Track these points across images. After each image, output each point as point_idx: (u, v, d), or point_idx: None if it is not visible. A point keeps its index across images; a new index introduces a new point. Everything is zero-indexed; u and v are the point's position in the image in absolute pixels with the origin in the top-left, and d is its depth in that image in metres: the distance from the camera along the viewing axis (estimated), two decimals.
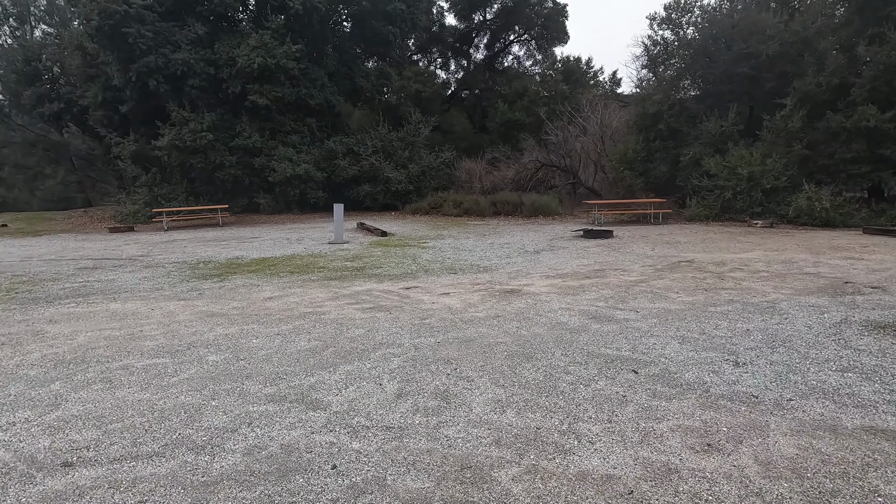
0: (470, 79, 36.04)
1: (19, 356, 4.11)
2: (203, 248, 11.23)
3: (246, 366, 3.74)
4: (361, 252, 10.13)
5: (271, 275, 7.79)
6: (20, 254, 11.09)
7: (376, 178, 19.66)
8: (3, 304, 6.06)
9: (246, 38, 16.83)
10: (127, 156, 17.95)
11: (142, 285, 7.14)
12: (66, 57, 19.11)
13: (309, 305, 5.70)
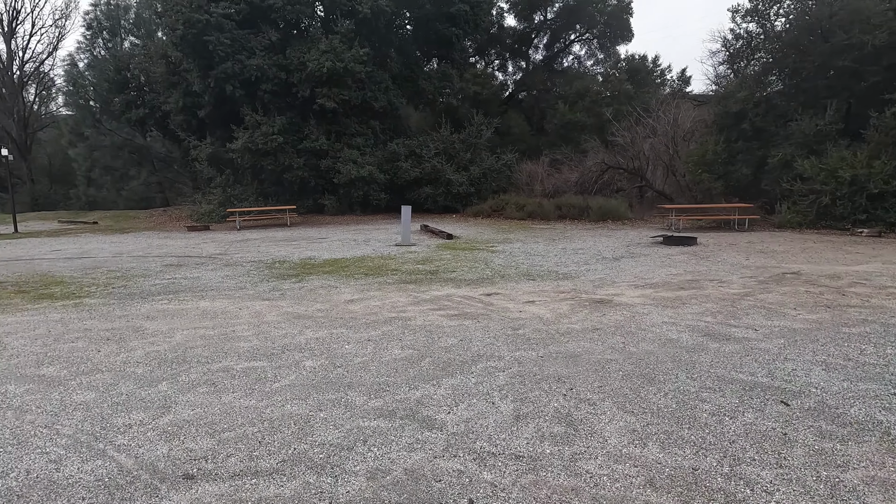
0: (528, 80, 35.46)
1: (124, 353, 4.18)
2: (275, 248, 11.49)
3: (345, 374, 3.59)
4: (430, 255, 9.97)
5: (346, 276, 7.76)
6: (112, 250, 11.79)
7: (437, 181, 19.58)
8: (103, 299, 6.33)
9: (316, 44, 17.23)
10: (203, 158, 18.87)
11: (225, 284, 7.30)
12: (152, 66, 20.38)
13: (392, 310, 5.55)
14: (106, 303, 6.14)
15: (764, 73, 16.15)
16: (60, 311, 5.71)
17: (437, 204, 19.79)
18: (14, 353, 4.24)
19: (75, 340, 4.57)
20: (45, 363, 3.96)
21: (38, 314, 5.60)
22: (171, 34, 16.59)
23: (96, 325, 5.10)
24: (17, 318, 5.46)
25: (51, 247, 12.62)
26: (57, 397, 3.26)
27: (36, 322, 5.25)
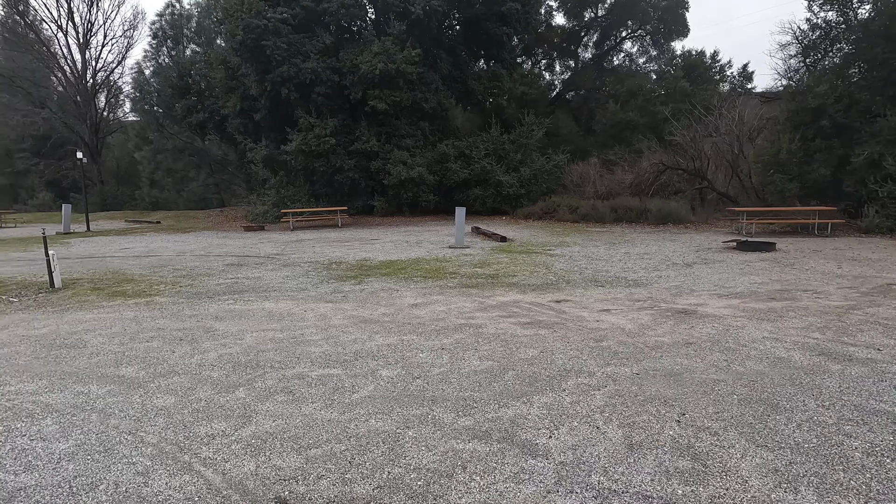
0: (576, 79, 34.59)
1: (198, 354, 4.13)
2: (330, 249, 11.52)
3: (425, 386, 3.36)
4: (487, 258, 9.69)
5: (405, 279, 7.60)
6: (175, 248, 12.19)
7: (487, 182, 19.27)
8: (173, 298, 6.42)
9: (368, 46, 17.32)
10: (259, 160, 19.36)
11: (286, 284, 7.28)
12: (212, 72, 21.15)
13: (459, 316, 5.31)
14: (175, 301, 6.22)
15: (846, 66, 14.88)
16: (134, 310, 5.80)
17: (486, 206, 19.47)
18: (94, 351, 4.27)
19: (150, 340, 4.58)
20: (124, 363, 3.95)
21: (114, 311, 5.72)
22: (230, 40, 17.11)
23: (168, 324, 5.12)
24: (95, 315, 5.59)
25: (120, 245, 13.20)
26: (138, 401, 3.20)
27: (112, 320, 5.34)
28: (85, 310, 5.85)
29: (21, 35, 29.68)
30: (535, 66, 35.15)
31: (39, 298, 6.51)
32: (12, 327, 5.11)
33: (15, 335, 4.81)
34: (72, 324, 5.20)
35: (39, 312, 5.76)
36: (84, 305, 6.06)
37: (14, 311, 5.88)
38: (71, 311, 5.77)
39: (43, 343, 4.54)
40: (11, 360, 4.09)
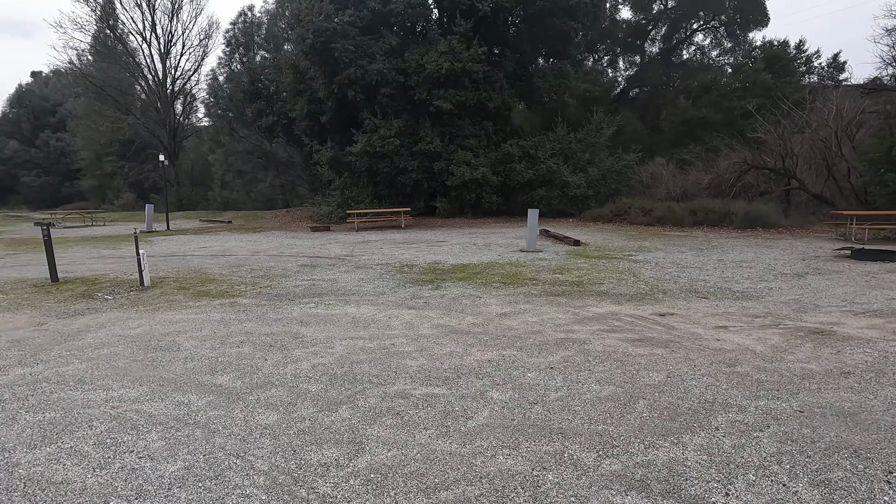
0: (642, 75, 33.04)
1: (291, 364, 3.94)
2: (398, 251, 11.36)
3: (547, 415, 2.96)
4: (564, 263, 9.14)
5: (483, 284, 7.22)
6: (249, 248, 12.47)
7: (552, 183, 18.59)
8: (255, 299, 6.39)
9: (434, 45, 17.14)
10: (325, 161, 19.68)
11: (363, 288, 7.10)
12: (281, 76, 21.77)
13: (555, 328, 4.86)
14: (258, 303, 6.17)
15: None
16: (219, 311, 5.78)
17: (551, 207, 18.78)
18: (188, 355, 4.19)
19: (240, 345, 4.46)
20: (219, 370, 3.82)
21: (201, 313, 5.72)
22: (301, 44, 17.47)
23: (255, 328, 5.02)
24: (184, 315, 5.60)
25: (198, 244, 13.71)
26: (240, 416, 3.00)
27: (200, 322, 5.31)
28: (174, 310, 5.90)
29: (110, 47, 32.06)
30: (596, 63, 33.92)
31: (131, 297, 6.68)
32: (109, 326, 5.19)
33: (113, 335, 4.86)
34: (164, 324, 5.22)
35: (133, 311, 5.86)
36: (173, 305, 6.13)
37: (109, 308, 6.03)
38: (161, 311, 5.83)
39: (139, 344, 4.53)
40: (112, 361, 4.07)
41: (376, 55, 17.58)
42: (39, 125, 47.21)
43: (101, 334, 4.90)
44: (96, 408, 3.17)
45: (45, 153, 46.26)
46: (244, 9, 29.12)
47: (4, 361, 4.12)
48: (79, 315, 5.70)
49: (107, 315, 5.69)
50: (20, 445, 2.69)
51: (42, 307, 6.12)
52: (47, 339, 4.74)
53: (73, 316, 5.67)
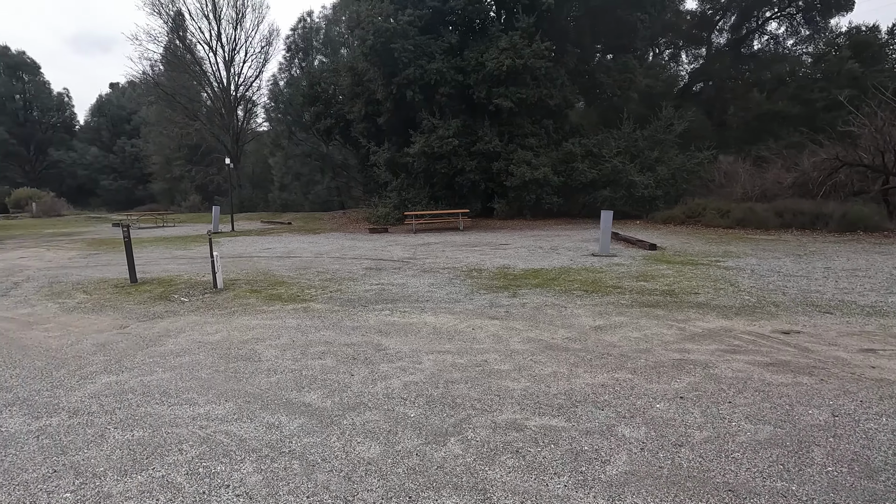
0: (708, 68, 31.14)
1: (381, 381, 3.60)
2: (461, 254, 10.97)
3: (701, 462, 2.43)
4: (645, 269, 8.43)
5: (563, 292, 6.69)
6: (311, 250, 12.48)
7: (617, 182, 17.67)
8: (327, 304, 6.16)
9: (495, 42, 16.69)
10: (382, 163, 19.67)
11: (435, 294, 6.74)
12: (339, 79, 22.01)
13: (664, 346, 4.28)
14: (331, 309, 5.93)
15: None
16: (294, 317, 5.58)
17: (615, 208, 17.75)
18: (270, 367, 3.95)
19: (322, 356, 4.19)
20: (305, 386, 3.53)
21: (276, 318, 5.54)
22: (361, 45, 17.51)
23: (334, 337, 4.75)
24: (259, 321, 5.44)
25: (262, 245, 13.91)
26: (338, 445, 2.67)
27: (277, 328, 5.11)
28: (249, 314, 5.76)
29: (180, 57, 33.78)
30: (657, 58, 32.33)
31: (206, 299, 6.64)
32: (188, 331, 5.08)
33: (193, 341, 4.73)
34: (241, 330, 5.06)
35: (209, 315, 5.77)
36: (247, 310, 6.00)
37: (186, 311, 5.98)
38: (237, 316, 5.70)
39: (219, 352, 4.36)
40: (194, 371, 3.89)
41: (435, 54, 17.34)
42: (116, 132, 50.67)
43: (180, 340, 4.78)
44: (184, 426, 2.94)
45: (121, 158, 49.57)
46: (303, 14, 29.98)
47: (92, 367, 4.03)
48: (158, 318, 5.66)
49: (185, 319, 5.62)
50: (111, 471, 2.47)
51: (123, 309, 6.16)
52: (130, 344, 4.67)
53: (152, 319, 5.63)
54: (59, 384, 3.68)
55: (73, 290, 7.49)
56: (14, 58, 50.82)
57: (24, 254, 12.84)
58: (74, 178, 51.46)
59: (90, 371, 3.95)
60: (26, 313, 6.01)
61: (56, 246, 14.79)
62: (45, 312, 6.05)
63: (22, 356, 4.37)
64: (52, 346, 4.64)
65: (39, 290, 7.47)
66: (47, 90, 53.24)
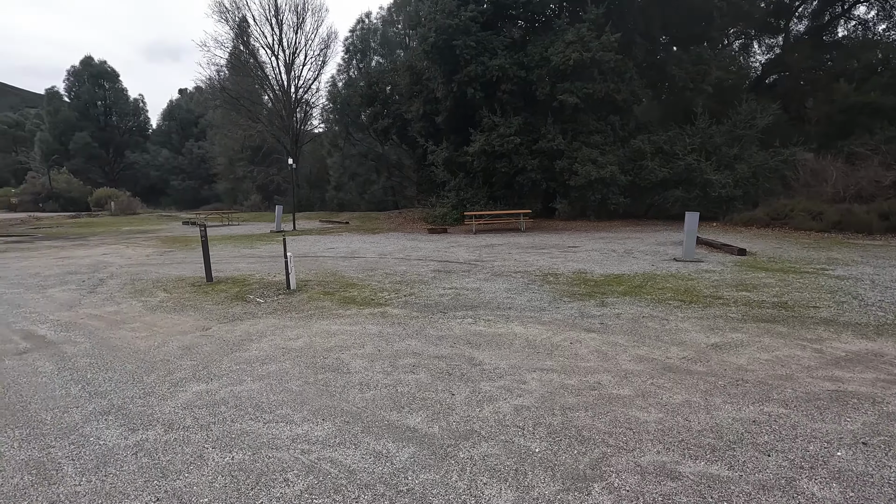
0: (785, 59, 28.79)
1: (487, 404, 3.22)
2: (530, 256, 10.47)
3: None
4: (741, 277, 7.62)
5: (656, 301, 6.08)
6: (374, 250, 12.36)
7: (691, 182, 16.55)
8: (404, 310, 5.88)
9: (560, 35, 16.02)
10: (440, 162, 19.42)
11: (515, 300, 6.31)
12: (397, 78, 21.98)
13: (808, 373, 3.65)
14: (409, 315, 5.64)
15: None
16: (373, 323, 5.32)
17: (688, 209, 16.68)
18: (362, 380, 3.67)
19: (413, 370, 3.86)
20: (403, 405, 3.21)
21: (355, 324, 5.30)
22: (422, 43, 17.32)
23: (421, 347, 4.42)
24: (339, 326, 5.22)
25: (325, 245, 13.96)
26: (463, 487, 2.30)
27: (358, 335, 4.86)
28: (326, 318, 5.56)
29: (243, 61, 35.08)
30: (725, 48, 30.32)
31: (281, 301, 6.53)
32: (269, 335, 4.92)
33: (276, 347, 4.55)
34: (322, 336, 4.84)
35: (287, 318, 5.62)
36: (324, 313, 5.81)
37: (264, 313, 5.86)
38: (315, 320, 5.51)
39: (304, 360, 4.13)
40: (284, 382, 3.66)
41: (497, 50, 16.87)
42: (185, 135, 53.57)
43: (263, 345, 4.61)
44: (285, 450, 2.68)
45: (188, 160, 52.33)
46: (362, 16, 30.33)
47: (180, 373, 3.91)
48: (238, 320, 5.57)
49: (264, 322, 5.49)
50: (216, 503, 2.22)
51: (203, 309, 6.14)
52: (214, 348, 4.54)
53: (232, 321, 5.54)
54: (151, 391, 3.55)
55: (154, 287, 7.63)
56: (97, 67, 54.79)
57: (107, 250, 13.51)
58: (147, 179, 54.88)
59: (179, 377, 3.82)
60: (113, 311, 6.10)
61: (134, 243, 15.52)
62: (131, 311, 6.12)
63: (112, 358, 4.33)
64: (140, 348, 4.59)
65: (123, 288, 7.66)
66: (125, 96, 57.03)
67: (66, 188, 45.09)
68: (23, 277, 8.87)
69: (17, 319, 5.76)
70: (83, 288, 7.73)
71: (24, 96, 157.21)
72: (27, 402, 3.41)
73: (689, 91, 19.75)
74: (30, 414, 3.20)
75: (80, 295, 7.16)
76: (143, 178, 54.96)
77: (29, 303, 6.66)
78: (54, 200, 43.79)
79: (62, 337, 5.00)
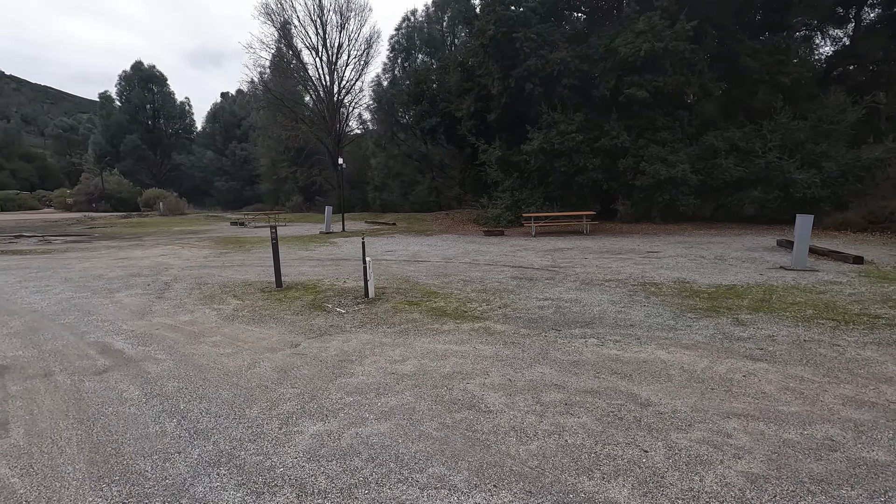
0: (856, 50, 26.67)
1: (703, 469, 2.43)
2: (610, 262, 9.57)
3: None
4: (878, 290, 6.54)
5: (802, 320, 5.13)
6: (436, 254, 11.69)
7: (770, 181, 15.20)
8: (509, 325, 5.13)
9: (630, 25, 15.01)
10: (493, 161, 18.65)
11: (631, 316, 5.48)
12: (446, 76, 21.35)
13: None
14: (518, 332, 4.90)
15: None
16: (482, 341, 4.61)
17: (764, 211, 15.41)
18: (513, 426, 2.94)
19: (569, 410, 3.12)
20: (591, 467, 2.46)
21: (461, 343, 4.60)
22: (479, 37, 16.58)
23: (560, 378, 3.67)
24: (444, 345, 4.53)
25: (381, 247, 13.40)
26: None
27: (473, 358, 4.15)
28: (425, 335, 4.89)
29: (287, 62, 35.25)
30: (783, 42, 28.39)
31: (364, 311, 5.91)
32: (371, 356, 4.27)
33: (384, 371, 3.89)
34: (432, 359, 4.16)
35: (380, 334, 4.97)
36: (419, 328, 5.14)
37: (352, 327, 5.24)
38: (413, 336, 4.85)
39: (426, 392, 3.45)
40: (415, 423, 2.98)
41: (558, 43, 15.99)
42: (228, 137, 54.61)
43: (369, 369, 3.96)
44: None
45: (231, 161, 53.31)
46: (407, 13, 29.86)
47: (286, 405, 3.28)
48: (327, 335, 4.96)
49: (356, 337, 4.86)
50: None
51: (283, 320, 5.57)
52: (314, 372, 3.92)
53: (321, 336, 4.94)
54: (260, 431, 2.93)
55: (223, 293, 7.16)
56: (146, 71, 56.59)
57: (163, 251, 13.35)
58: (191, 180, 56.28)
59: (287, 411, 3.20)
60: (187, 321, 5.61)
61: (188, 244, 15.39)
62: (206, 320, 5.62)
63: (202, 381, 3.76)
64: (230, 369, 4.02)
65: (191, 293, 7.22)
66: (172, 100, 58.71)
67: (116, 189, 46.59)
68: (88, 280, 8.61)
69: (90, 329, 5.33)
70: (150, 292, 7.34)
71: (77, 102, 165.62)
72: (119, 442, 2.84)
73: (764, 83, 18.32)
74: (125, 462, 2.62)
75: (148, 300, 6.75)
76: (188, 180, 56.37)
77: (99, 309, 6.27)
78: (106, 201, 45.30)
79: (141, 352, 4.49)
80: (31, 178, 71.83)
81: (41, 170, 75.81)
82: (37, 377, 3.89)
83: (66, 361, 4.25)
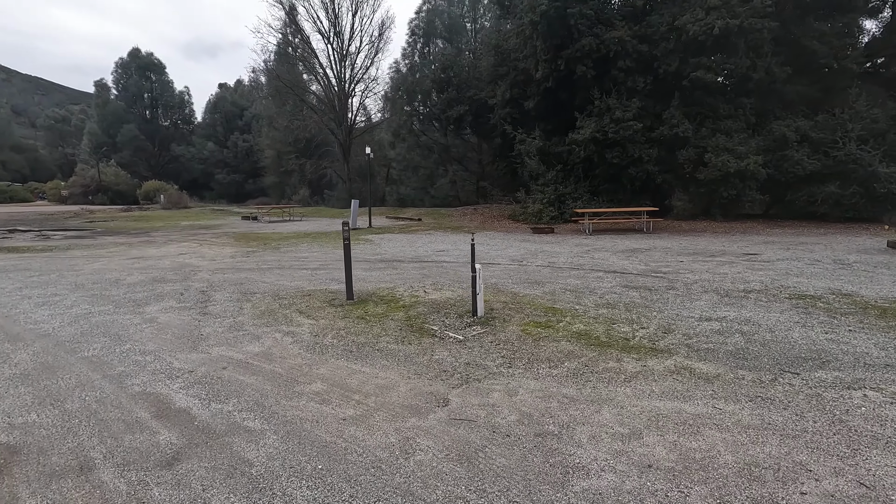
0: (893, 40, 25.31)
1: None
2: (712, 265, 8.15)
3: None
4: None
5: None
6: (497, 255, 10.22)
7: (847, 176, 13.84)
8: (711, 365, 3.69)
9: (699, 0, 13.50)
10: (534, 152, 17.16)
11: (855, 347, 4.05)
12: (478, 60, 19.78)
13: None
14: (735, 376, 3.47)
15: None
16: (707, 393, 3.17)
17: (840, 208, 14.03)
18: None
19: None
20: None
21: (672, 398, 3.15)
22: (530, 13, 14.98)
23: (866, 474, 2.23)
24: (662, 401, 3.07)
25: (427, 246, 11.93)
26: None
27: (730, 427, 2.71)
28: (612, 382, 3.44)
29: (294, 49, 33.49)
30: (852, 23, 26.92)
31: (487, 338, 4.45)
32: (572, 425, 2.81)
33: (619, 456, 2.43)
34: (674, 431, 2.71)
35: (546, 379, 3.51)
36: (592, 370, 3.69)
37: (496, 366, 3.77)
38: (594, 383, 3.39)
39: None
40: None
41: (613, 20, 14.50)
42: (230, 128, 52.69)
43: (592, 453, 2.50)
44: None
45: (233, 153, 51.44)
46: None
47: None
48: (473, 380, 3.50)
49: (520, 385, 3.40)
50: None
51: (391, 352, 4.10)
52: (511, 461, 2.46)
53: (466, 383, 3.47)
54: None
55: (282, 307, 5.68)
56: (144, 59, 54.51)
57: (180, 249, 11.82)
58: (190, 172, 54.32)
59: None
60: (260, 353, 4.13)
61: (204, 240, 13.85)
62: (284, 353, 4.14)
63: (345, 483, 2.29)
64: (375, 455, 2.55)
65: (241, 307, 5.73)
66: (171, 89, 56.66)
67: (114, 181, 44.68)
68: (104, 286, 7.09)
69: (130, 368, 3.83)
70: (188, 305, 5.84)
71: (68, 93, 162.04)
72: None
73: (833, 69, 16.90)
74: None
75: (191, 318, 5.26)
76: (187, 172, 54.40)
77: (131, 332, 4.77)
78: (103, 193, 43.40)
79: (219, 416, 3.01)
80: (23, 170, 69.48)
81: (32, 161, 73.41)
82: (68, 474, 2.40)
83: (107, 437, 2.77)
